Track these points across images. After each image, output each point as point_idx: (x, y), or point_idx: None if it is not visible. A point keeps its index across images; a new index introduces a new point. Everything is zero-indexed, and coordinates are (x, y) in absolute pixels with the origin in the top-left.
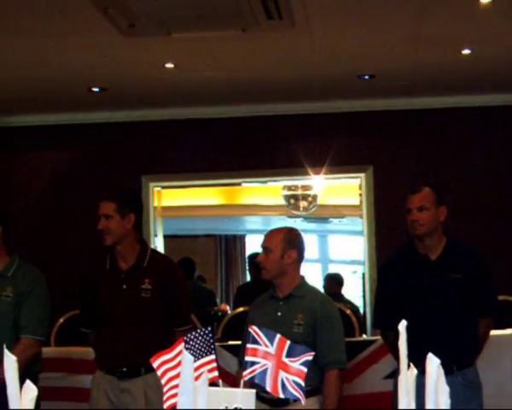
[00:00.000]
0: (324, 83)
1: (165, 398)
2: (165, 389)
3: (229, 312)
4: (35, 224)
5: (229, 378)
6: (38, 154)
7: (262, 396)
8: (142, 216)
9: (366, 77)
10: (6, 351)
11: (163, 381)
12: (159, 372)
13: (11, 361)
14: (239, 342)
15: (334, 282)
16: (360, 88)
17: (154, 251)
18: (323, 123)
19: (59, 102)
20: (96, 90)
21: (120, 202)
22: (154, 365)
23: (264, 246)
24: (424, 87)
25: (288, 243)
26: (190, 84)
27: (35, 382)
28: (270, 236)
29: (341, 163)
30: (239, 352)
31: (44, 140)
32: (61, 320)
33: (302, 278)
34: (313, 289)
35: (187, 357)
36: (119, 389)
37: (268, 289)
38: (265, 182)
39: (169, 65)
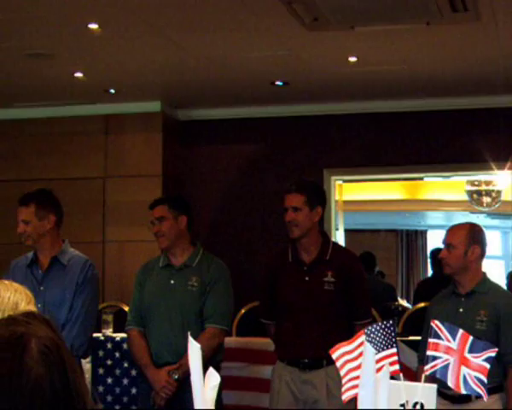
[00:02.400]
0: (510, 76)
1: (343, 389)
2: (343, 381)
3: (407, 307)
4: (218, 215)
5: (410, 373)
6: (222, 147)
7: (443, 392)
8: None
9: None
10: (190, 339)
11: (342, 372)
12: (338, 364)
13: (196, 349)
14: (420, 338)
15: None
16: None
17: (336, 244)
18: (508, 117)
19: (242, 95)
20: (279, 83)
21: (309, 194)
22: (334, 356)
23: (447, 242)
24: None
25: (471, 239)
26: (373, 78)
27: (217, 371)
28: (453, 232)
29: None
30: (419, 347)
31: (228, 133)
32: (243, 311)
33: (484, 274)
34: (496, 286)
35: (369, 349)
36: (301, 380)
37: (449, 284)
38: (448, 177)
39: (352, 58)
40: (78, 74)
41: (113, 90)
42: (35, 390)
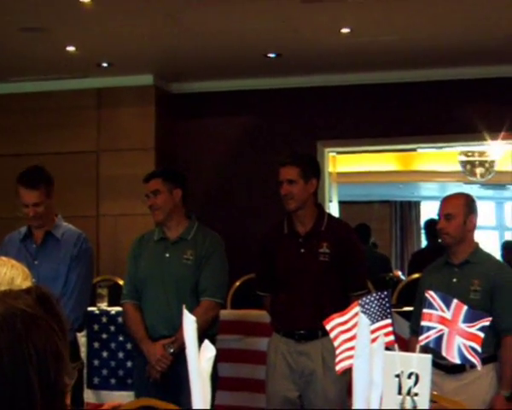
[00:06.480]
0: (503, 46)
1: (337, 360)
2: (337, 352)
3: (401, 278)
4: (213, 188)
5: (404, 344)
6: (215, 119)
7: (437, 362)
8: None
9: None
10: (185, 312)
11: (336, 343)
12: (332, 335)
13: (190, 322)
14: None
15: (508, 249)
16: None
17: (331, 216)
18: (501, 87)
19: (235, 68)
20: (272, 55)
21: (304, 166)
22: (328, 327)
23: (445, 212)
24: None
25: (468, 209)
26: (366, 49)
27: (213, 344)
28: (451, 202)
29: None
30: (411, 318)
31: (221, 106)
32: (238, 284)
33: (477, 244)
34: (489, 256)
35: (364, 320)
36: (297, 351)
37: (443, 255)
38: (441, 148)
39: (345, 30)
40: (71, 48)
41: (105, 64)
42: None
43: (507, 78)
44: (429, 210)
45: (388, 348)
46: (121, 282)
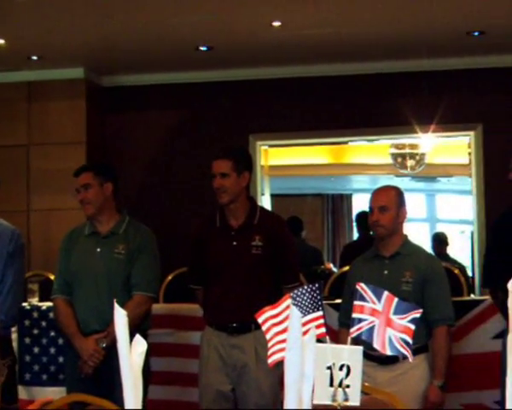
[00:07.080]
0: (433, 40)
1: (269, 353)
2: (269, 344)
3: (333, 270)
4: (144, 182)
5: (336, 336)
6: (147, 113)
7: (369, 354)
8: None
9: (475, 33)
10: (116, 306)
11: (268, 336)
12: (264, 327)
13: (121, 316)
14: None
15: (437, 241)
16: (470, 45)
17: (264, 209)
18: (432, 81)
19: (167, 61)
20: (203, 49)
21: (236, 160)
22: (260, 320)
23: (379, 205)
24: None
25: (400, 201)
26: (297, 43)
27: (144, 338)
28: (384, 194)
29: (450, 121)
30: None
31: (153, 99)
32: (170, 277)
33: (406, 236)
34: (419, 248)
35: (295, 313)
36: (230, 344)
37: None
38: (372, 140)
39: (276, 23)
40: (0, 41)
41: (35, 57)
42: None
43: (437, 71)
44: (361, 203)
45: (320, 340)
46: (52, 277)
